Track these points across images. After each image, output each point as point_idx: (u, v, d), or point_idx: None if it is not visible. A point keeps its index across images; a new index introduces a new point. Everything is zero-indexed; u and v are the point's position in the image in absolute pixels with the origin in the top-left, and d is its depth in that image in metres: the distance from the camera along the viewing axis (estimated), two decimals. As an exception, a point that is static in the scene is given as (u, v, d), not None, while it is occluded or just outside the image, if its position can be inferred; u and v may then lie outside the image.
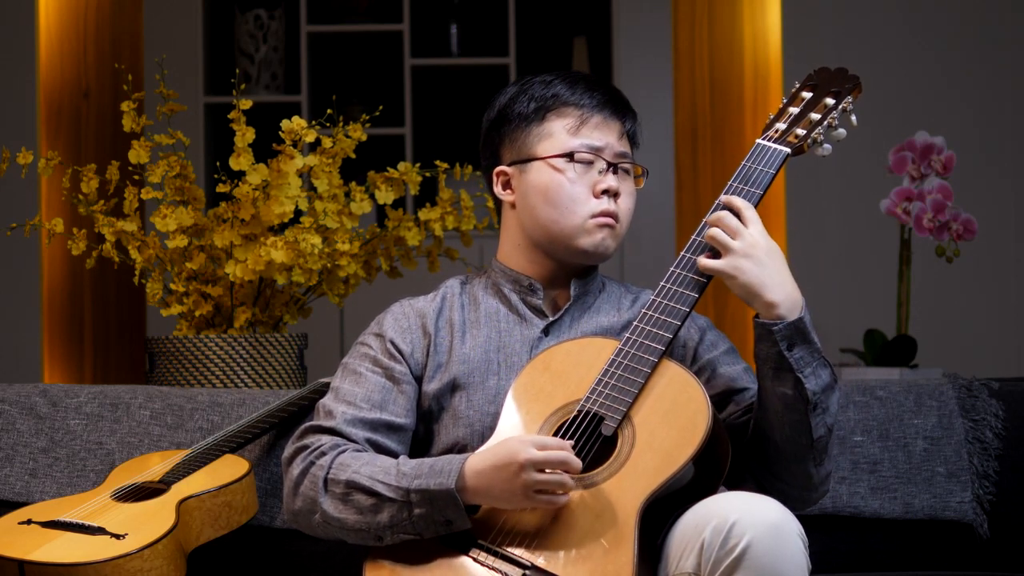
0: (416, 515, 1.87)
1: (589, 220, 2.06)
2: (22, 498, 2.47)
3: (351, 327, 4.85)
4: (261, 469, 2.45)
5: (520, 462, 1.81)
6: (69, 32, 5.01)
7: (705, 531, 1.75)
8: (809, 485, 1.97)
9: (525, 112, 2.11)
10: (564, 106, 2.09)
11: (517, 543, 1.84)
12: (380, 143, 4.82)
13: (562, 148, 2.07)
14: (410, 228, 2.97)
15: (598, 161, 2.07)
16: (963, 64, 4.73)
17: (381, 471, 1.91)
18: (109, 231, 2.89)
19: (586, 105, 2.09)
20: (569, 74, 2.14)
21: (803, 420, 1.91)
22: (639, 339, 1.93)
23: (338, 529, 1.93)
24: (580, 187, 2.06)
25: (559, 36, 5.24)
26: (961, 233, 3.09)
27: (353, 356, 2.11)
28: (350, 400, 2.03)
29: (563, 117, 2.09)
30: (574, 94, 2.10)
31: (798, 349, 1.89)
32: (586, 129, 2.08)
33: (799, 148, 2.01)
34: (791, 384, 1.90)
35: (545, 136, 2.09)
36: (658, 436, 1.86)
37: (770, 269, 1.90)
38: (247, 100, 2.86)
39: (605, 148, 2.08)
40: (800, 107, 2.04)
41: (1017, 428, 2.50)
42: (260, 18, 5.06)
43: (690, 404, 1.87)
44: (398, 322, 2.11)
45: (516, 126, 2.12)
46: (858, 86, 2.05)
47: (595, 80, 2.14)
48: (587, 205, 2.06)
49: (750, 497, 1.79)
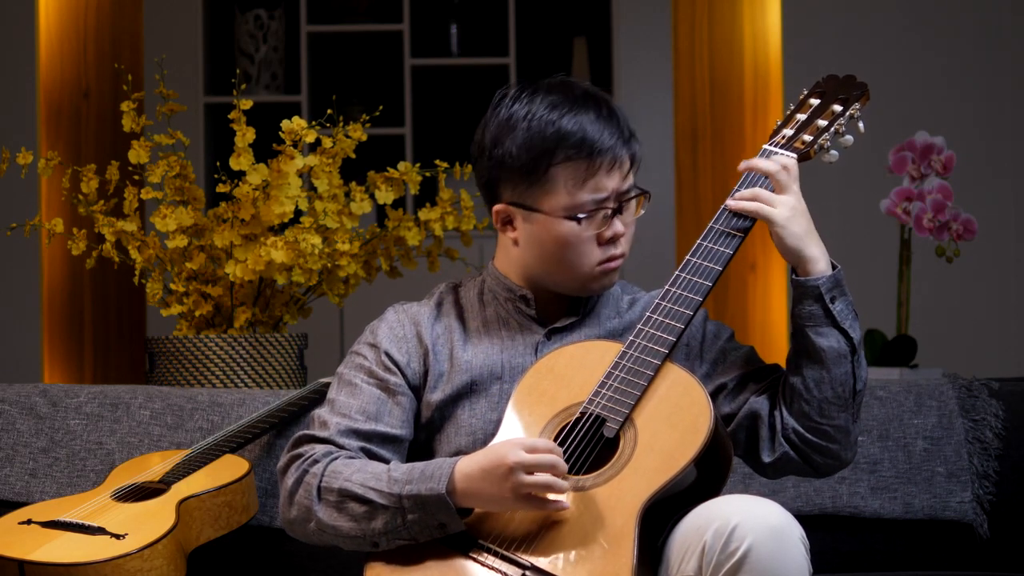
0: (410, 520, 1.87)
1: (596, 268, 2.02)
2: (22, 498, 2.47)
3: (351, 327, 4.85)
4: (261, 469, 2.45)
5: (508, 465, 1.81)
6: (69, 32, 5.01)
7: (707, 534, 1.75)
8: (847, 442, 1.99)
9: (525, 160, 1.97)
10: (568, 151, 1.96)
11: (517, 543, 1.84)
12: (380, 143, 4.82)
13: (567, 206, 1.97)
14: (410, 228, 2.97)
15: (604, 208, 2.00)
16: (963, 64, 4.73)
17: (373, 478, 1.90)
18: (109, 231, 2.89)
19: (593, 151, 1.96)
20: (572, 106, 1.99)
21: (848, 371, 1.96)
22: (643, 342, 1.93)
23: (333, 537, 1.93)
24: (587, 244, 2.00)
25: (559, 36, 5.23)
26: (961, 233, 3.10)
27: (348, 366, 2.08)
28: (344, 412, 2.01)
29: (567, 167, 1.96)
30: (579, 136, 1.96)
31: (839, 302, 1.95)
32: (591, 181, 1.97)
33: (806, 154, 2.02)
34: (836, 337, 1.95)
35: (549, 189, 1.98)
36: (660, 438, 1.86)
37: (811, 226, 1.97)
38: (247, 100, 2.86)
39: (611, 194, 1.99)
40: (807, 113, 2.05)
41: (1017, 428, 2.50)
42: (260, 18, 5.06)
43: (693, 407, 1.88)
44: (393, 331, 2.07)
45: (515, 171, 1.99)
46: (866, 93, 2.05)
47: (601, 112, 1.99)
48: (593, 256, 2.01)
49: (752, 500, 1.79)
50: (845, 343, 1.95)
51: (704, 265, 1.96)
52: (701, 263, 1.97)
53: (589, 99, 2.01)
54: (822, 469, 2.02)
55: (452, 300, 2.12)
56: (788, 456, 1.99)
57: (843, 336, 1.95)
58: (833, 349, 1.95)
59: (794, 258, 1.96)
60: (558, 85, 2.04)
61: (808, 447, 1.98)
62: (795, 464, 2.01)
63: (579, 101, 2.00)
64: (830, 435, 1.97)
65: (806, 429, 1.97)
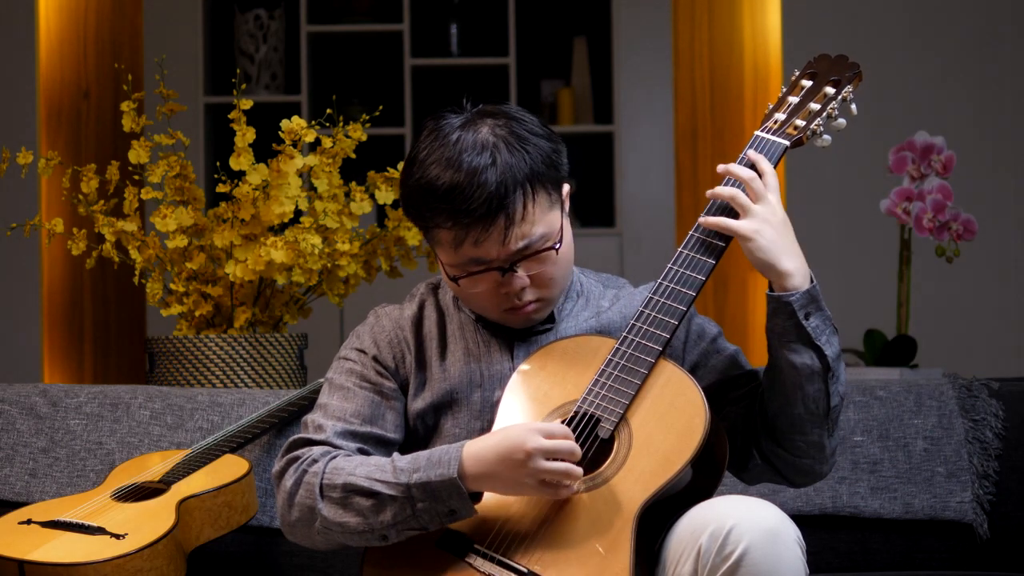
0: (419, 509, 1.85)
1: (504, 314, 1.99)
2: (22, 498, 2.47)
3: (351, 327, 4.84)
4: (261, 469, 2.45)
5: (528, 450, 1.79)
6: (69, 32, 5.01)
7: (702, 536, 1.74)
8: (822, 457, 1.96)
9: (412, 214, 1.96)
10: (440, 224, 1.91)
11: (513, 548, 1.83)
12: (380, 143, 4.82)
13: (451, 264, 1.95)
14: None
15: (491, 271, 1.94)
16: (963, 64, 4.73)
17: (377, 470, 1.88)
18: (109, 231, 2.89)
19: (456, 224, 1.90)
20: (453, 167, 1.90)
21: (821, 388, 1.90)
22: (636, 338, 1.91)
23: (340, 534, 1.90)
24: (484, 296, 1.96)
25: (559, 36, 5.24)
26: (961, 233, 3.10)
27: (337, 372, 2.05)
28: (339, 415, 1.99)
29: (444, 228, 1.91)
30: (441, 215, 1.90)
31: (814, 318, 1.89)
32: (466, 247, 1.91)
33: (798, 140, 1.97)
34: (810, 355, 1.89)
35: (436, 242, 1.95)
36: (655, 439, 1.85)
37: (787, 239, 1.89)
38: (247, 100, 2.86)
39: (495, 258, 1.92)
40: (799, 96, 2.00)
41: (1017, 428, 2.50)
42: (260, 18, 5.06)
43: (688, 407, 1.86)
44: (379, 336, 2.05)
45: (413, 219, 1.99)
46: (859, 74, 2.00)
47: (482, 173, 1.89)
48: (496, 304, 1.97)
49: (748, 502, 1.78)
50: (818, 360, 1.89)
51: (697, 258, 1.93)
52: (694, 255, 1.93)
53: (481, 151, 1.90)
54: (796, 481, 2.00)
55: (432, 303, 2.09)
56: (762, 468, 1.99)
57: (816, 353, 1.89)
58: (806, 366, 1.90)
59: (765, 272, 1.90)
60: (462, 127, 1.94)
61: (780, 461, 1.97)
62: (769, 474, 2.00)
63: (465, 158, 1.90)
64: (802, 450, 1.95)
65: (777, 443, 1.95)
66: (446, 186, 1.89)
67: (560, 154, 1.96)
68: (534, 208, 1.91)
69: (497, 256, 1.92)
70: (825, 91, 2.00)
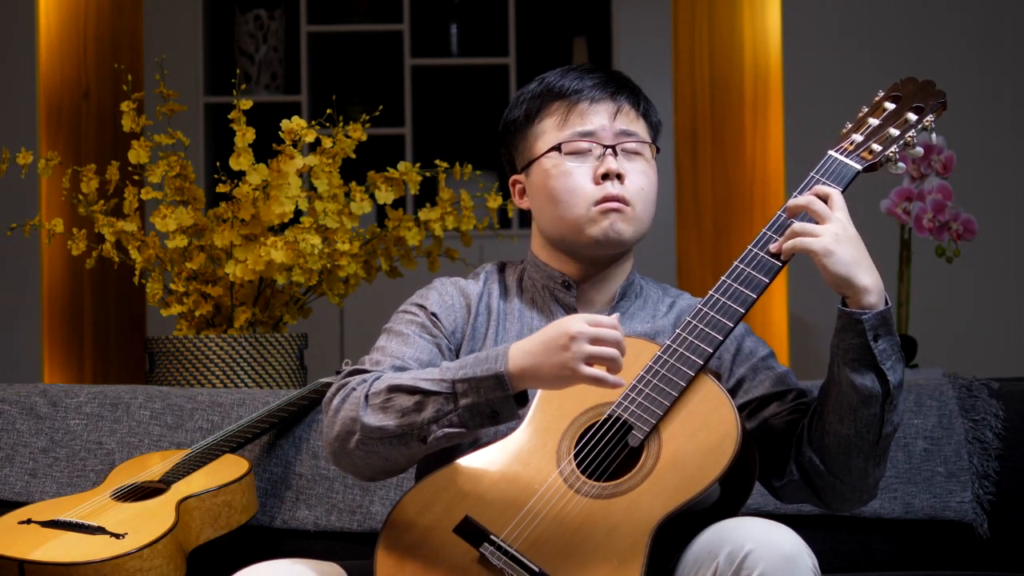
0: (462, 405, 1.82)
1: (593, 208, 2.01)
2: (22, 498, 2.47)
3: (351, 327, 4.85)
4: (261, 469, 2.45)
5: (571, 334, 1.77)
6: (69, 32, 5.01)
7: (719, 557, 1.73)
8: (864, 485, 1.93)
9: (520, 117, 2.08)
10: (552, 101, 2.05)
11: (528, 545, 1.80)
12: (380, 143, 4.82)
13: (552, 143, 2.04)
14: (410, 228, 2.97)
15: (595, 147, 2.03)
16: (963, 64, 4.73)
17: (424, 373, 1.86)
18: (109, 231, 2.89)
19: (571, 93, 2.04)
20: (564, 67, 2.10)
21: (877, 415, 1.86)
22: (679, 348, 1.87)
23: (378, 441, 1.85)
24: (579, 177, 2.02)
25: (559, 36, 5.24)
26: (961, 233, 3.10)
27: (398, 322, 2.05)
28: (398, 356, 1.98)
29: (552, 113, 2.05)
30: (559, 85, 2.06)
31: (883, 341, 1.85)
32: (574, 117, 2.03)
33: (872, 166, 1.93)
34: (871, 377, 1.85)
35: (540, 135, 2.05)
36: (683, 455, 1.82)
37: (862, 254, 1.87)
38: (247, 100, 2.87)
39: (599, 131, 2.03)
40: (880, 119, 1.95)
41: (1017, 428, 2.50)
42: (260, 18, 5.06)
43: (720, 426, 1.83)
44: (443, 299, 2.07)
45: (516, 133, 2.10)
46: (944, 103, 1.94)
47: (587, 66, 2.09)
48: (587, 193, 2.01)
49: (766, 526, 1.76)
50: (879, 385, 1.85)
51: (750, 274, 1.89)
52: (748, 270, 1.89)
53: (583, 64, 2.10)
54: (832, 505, 1.97)
55: (497, 281, 2.12)
56: (798, 484, 1.95)
57: (879, 377, 1.85)
58: (866, 388, 1.85)
59: (842, 287, 1.85)
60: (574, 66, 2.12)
61: (820, 480, 1.93)
62: (804, 494, 1.97)
63: (573, 65, 2.09)
64: (843, 475, 1.91)
65: (821, 461, 1.92)
66: (577, 65, 2.08)
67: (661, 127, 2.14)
68: (639, 117, 2.07)
69: (603, 128, 2.03)
70: (907, 117, 1.95)
